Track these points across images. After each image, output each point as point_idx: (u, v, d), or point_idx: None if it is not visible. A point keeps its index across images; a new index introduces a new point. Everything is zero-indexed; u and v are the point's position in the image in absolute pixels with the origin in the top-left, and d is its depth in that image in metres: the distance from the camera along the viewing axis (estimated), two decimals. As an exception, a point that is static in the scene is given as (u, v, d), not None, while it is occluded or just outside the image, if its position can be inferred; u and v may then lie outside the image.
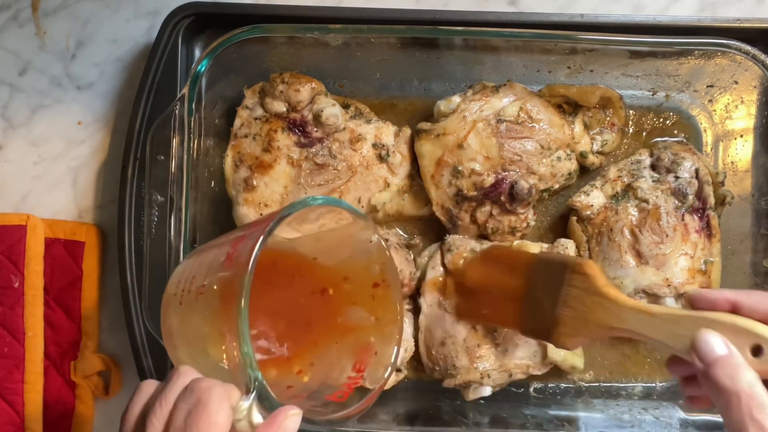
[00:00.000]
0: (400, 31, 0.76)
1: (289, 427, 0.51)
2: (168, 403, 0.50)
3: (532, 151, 0.76)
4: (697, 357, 0.52)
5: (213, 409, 0.48)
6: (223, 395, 0.49)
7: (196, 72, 0.73)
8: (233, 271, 0.55)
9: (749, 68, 0.75)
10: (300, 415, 0.52)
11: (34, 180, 0.84)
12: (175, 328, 0.61)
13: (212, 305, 0.56)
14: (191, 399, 0.49)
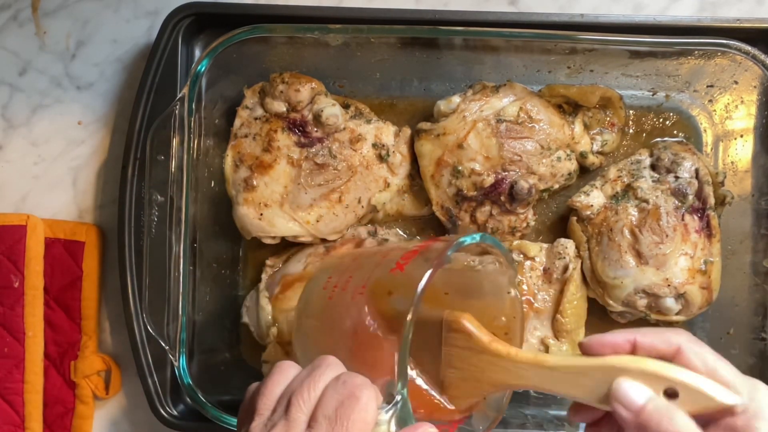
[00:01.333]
0: (400, 31, 0.76)
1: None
2: (317, 388, 0.49)
3: (532, 151, 0.76)
4: (621, 406, 0.50)
5: (364, 405, 0.48)
6: (374, 395, 0.49)
7: (196, 72, 0.73)
8: (402, 285, 0.54)
9: (749, 68, 0.75)
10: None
11: (34, 180, 0.84)
12: (318, 320, 0.60)
13: (371, 311, 0.55)
14: (344, 390, 0.49)
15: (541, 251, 0.77)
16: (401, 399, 0.51)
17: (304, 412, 0.48)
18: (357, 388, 0.49)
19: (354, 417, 0.47)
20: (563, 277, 0.76)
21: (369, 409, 0.48)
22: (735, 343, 0.79)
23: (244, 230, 0.78)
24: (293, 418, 0.48)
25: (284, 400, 0.50)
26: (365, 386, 0.49)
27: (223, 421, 0.73)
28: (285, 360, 0.54)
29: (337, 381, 0.50)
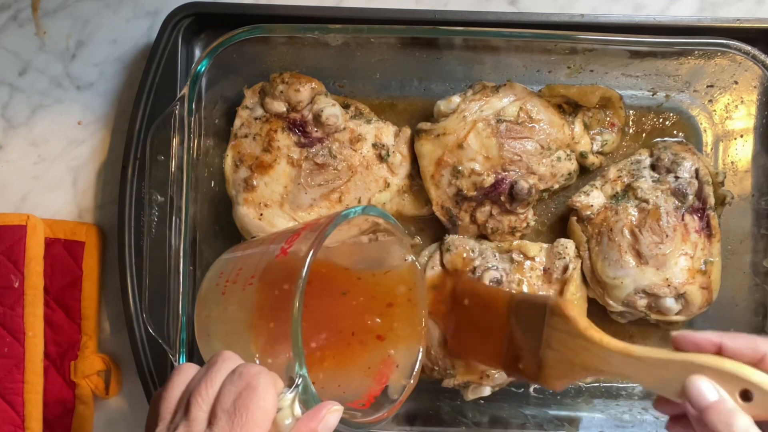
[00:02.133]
0: (400, 31, 0.76)
1: (331, 421, 0.52)
2: (214, 384, 0.50)
3: (532, 151, 0.76)
4: (690, 403, 0.51)
5: (262, 393, 0.49)
6: (270, 382, 0.50)
7: (196, 72, 0.73)
8: (287, 268, 0.55)
9: (749, 68, 0.75)
10: (341, 412, 0.52)
11: (34, 180, 0.84)
12: (215, 318, 0.61)
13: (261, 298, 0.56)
14: (240, 382, 0.49)
15: (541, 251, 0.77)
16: (301, 380, 0.52)
17: (203, 410, 0.49)
18: (253, 378, 0.49)
19: (252, 406, 0.48)
20: (563, 277, 0.76)
21: (267, 396, 0.49)
22: (735, 343, 0.79)
23: (244, 230, 0.78)
24: (193, 417, 0.49)
25: (184, 401, 0.50)
26: (261, 374, 0.50)
27: (223, 421, 0.73)
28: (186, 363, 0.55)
29: (233, 374, 0.50)
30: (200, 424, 0.49)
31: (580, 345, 0.60)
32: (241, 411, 0.48)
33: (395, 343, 0.68)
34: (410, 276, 0.68)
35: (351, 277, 0.69)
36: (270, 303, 0.56)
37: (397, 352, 0.68)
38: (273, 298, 0.56)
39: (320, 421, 0.51)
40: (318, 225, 0.59)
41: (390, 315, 0.69)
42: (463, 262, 0.76)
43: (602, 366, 0.59)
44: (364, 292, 0.69)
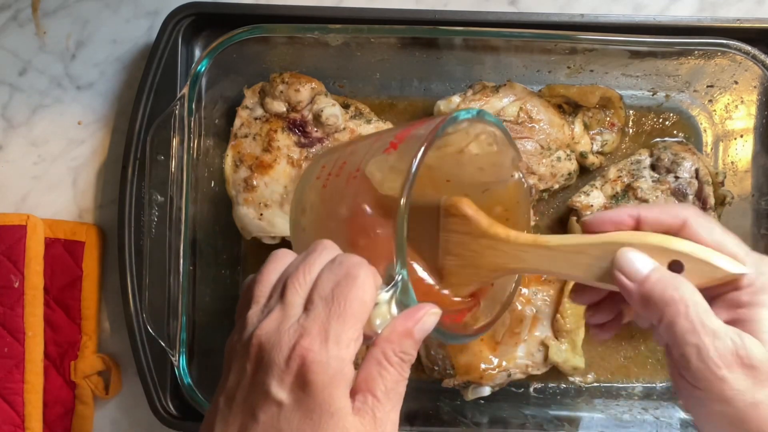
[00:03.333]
0: (400, 31, 0.76)
1: (428, 323, 0.49)
2: (312, 271, 0.48)
3: (531, 151, 0.76)
4: (625, 276, 0.49)
5: (361, 284, 0.46)
6: (371, 274, 0.47)
7: (196, 72, 0.73)
8: (397, 160, 0.50)
9: (749, 68, 0.75)
10: (438, 315, 0.49)
11: (34, 180, 0.84)
12: (313, 212, 0.57)
13: (366, 191, 0.52)
14: (339, 270, 0.47)
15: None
16: (401, 280, 0.49)
17: (300, 295, 0.47)
18: (353, 267, 0.47)
19: (351, 296, 0.46)
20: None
21: (366, 287, 0.46)
22: (735, 343, 0.79)
23: (244, 230, 0.78)
24: (289, 301, 0.47)
25: (280, 285, 0.48)
26: (362, 265, 0.47)
27: (223, 421, 0.73)
28: (283, 249, 0.52)
29: (333, 262, 0.48)
30: (296, 308, 0.46)
31: (485, 245, 0.55)
32: (339, 299, 0.45)
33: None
34: (515, 194, 0.61)
35: (452, 191, 0.61)
36: (376, 201, 0.52)
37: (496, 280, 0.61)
38: (379, 196, 0.51)
39: (417, 322, 0.48)
40: (429, 124, 0.53)
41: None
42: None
43: (513, 263, 0.54)
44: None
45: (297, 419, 0.44)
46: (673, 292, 0.47)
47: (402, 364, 0.47)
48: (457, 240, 0.56)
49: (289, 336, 0.45)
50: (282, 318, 0.46)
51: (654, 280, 0.48)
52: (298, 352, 0.44)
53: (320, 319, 0.45)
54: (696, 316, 0.47)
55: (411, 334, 0.48)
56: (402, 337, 0.47)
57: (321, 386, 0.44)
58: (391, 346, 0.47)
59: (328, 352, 0.44)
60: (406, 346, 0.47)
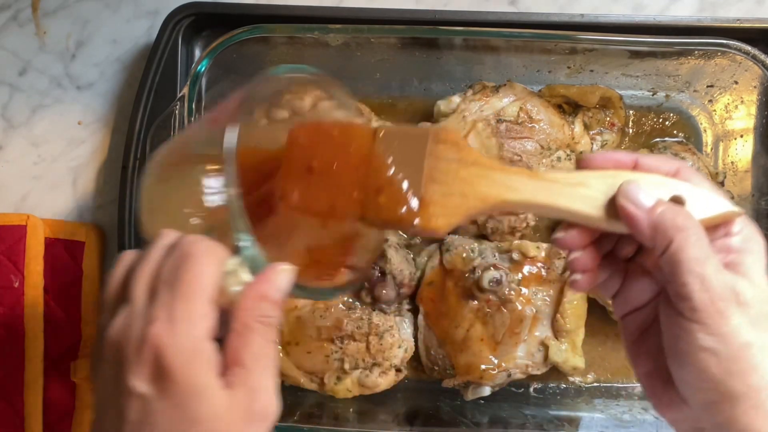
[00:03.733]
0: (400, 31, 0.76)
1: (281, 282, 0.48)
2: (152, 261, 0.47)
3: (532, 151, 0.76)
4: (632, 204, 0.48)
5: (201, 260, 0.46)
6: (210, 249, 0.47)
7: (196, 72, 0.73)
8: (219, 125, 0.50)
9: (749, 68, 0.75)
10: (292, 272, 0.49)
11: (34, 180, 0.84)
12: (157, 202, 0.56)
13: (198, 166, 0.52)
14: (178, 253, 0.47)
15: (541, 251, 0.77)
16: (246, 243, 0.48)
17: (141, 288, 0.46)
18: (190, 246, 0.47)
19: (193, 273, 0.45)
20: (563, 277, 0.76)
21: (206, 260, 0.46)
22: (735, 343, 0.79)
23: (244, 230, 0.78)
24: (133, 296, 0.46)
25: (123, 284, 0.48)
26: (198, 241, 0.47)
27: (223, 421, 0.73)
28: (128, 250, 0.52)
29: (171, 247, 0.48)
30: (140, 301, 0.46)
31: (475, 173, 0.52)
32: (180, 279, 0.45)
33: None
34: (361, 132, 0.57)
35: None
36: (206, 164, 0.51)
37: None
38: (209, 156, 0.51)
39: (269, 283, 0.48)
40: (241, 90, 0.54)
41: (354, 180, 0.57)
42: (462, 261, 0.76)
43: (505, 194, 0.51)
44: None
45: (165, 408, 0.43)
46: (684, 221, 0.47)
47: (264, 327, 0.47)
48: (445, 167, 0.53)
49: (138, 327, 0.44)
50: (129, 313, 0.46)
51: (662, 209, 0.48)
52: (149, 341, 0.43)
53: (165, 304, 0.45)
54: (703, 246, 0.47)
55: (265, 296, 0.47)
56: (257, 301, 0.47)
57: (179, 368, 0.43)
58: (248, 313, 0.46)
59: (178, 333, 0.44)
60: (263, 309, 0.47)
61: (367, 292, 0.76)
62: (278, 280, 0.48)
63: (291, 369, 0.76)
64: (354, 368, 0.76)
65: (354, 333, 0.76)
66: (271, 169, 0.60)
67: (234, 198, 0.49)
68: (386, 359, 0.76)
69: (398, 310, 0.78)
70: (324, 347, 0.76)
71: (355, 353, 0.76)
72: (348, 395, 0.77)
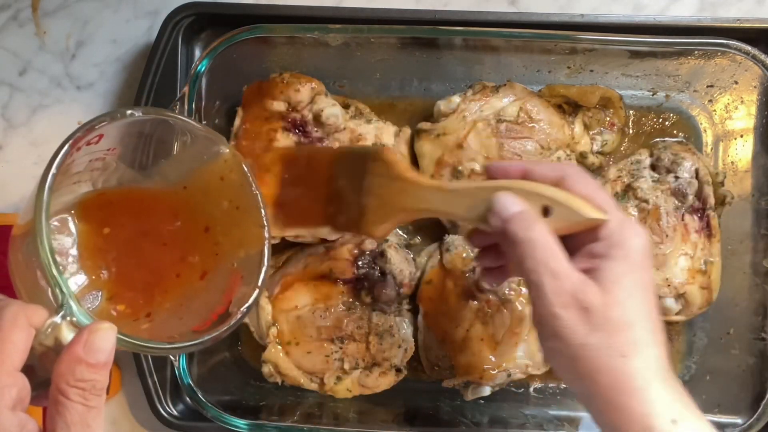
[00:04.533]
0: (400, 31, 0.76)
1: (97, 343, 0.44)
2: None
3: (532, 151, 0.76)
4: (495, 216, 0.54)
5: (3, 326, 0.43)
6: (18, 312, 0.44)
7: (196, 72, 0.73)
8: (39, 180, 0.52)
9: (749, 68, 0.75)
10: (112, 330, 0.46)
11: (34, 180, 0.84)
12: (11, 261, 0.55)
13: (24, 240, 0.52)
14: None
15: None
16: (64, 300, 0.46)
17: None
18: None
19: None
20: (563, 277, 0.76)
21: (12, 327, 0.43)
22: (735, 343, 0.79)
23: (244, 230, 0.78)
24: None
25: None
26: (5, 307, 0.44)
27: (223, 421, 0.73)
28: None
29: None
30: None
31: (399, 187, 0.62)
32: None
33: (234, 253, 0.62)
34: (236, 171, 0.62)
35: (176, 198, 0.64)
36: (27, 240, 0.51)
37: (239, 262, 0.62)
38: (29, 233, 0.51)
39: (84, 345, 0.44)
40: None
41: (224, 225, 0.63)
42: (462, 261, 0.76)
43: (419, 204, 0.61)
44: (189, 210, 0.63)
45: None
46: (527, 232, 0.52)
47: (84, 393, 0.43)
48: (378, 182, 0.63)
49: None
50: None
51: (516, 220, 0.53)
52: None
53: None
54: (542, 256, 0.51)
55: (79, 359, 0.44)
56: (72, 365, 0.43)
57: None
58: (64, 378, 0.43)
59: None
60: (80, 373, 0.43)
61: (367, 292, 0.76)
62: (96, 340, 0.45)
63: (291, 369, 0.76)
64: (354, 368, 0.76)
65: (354, 333, 0.76)
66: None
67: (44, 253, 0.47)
68: (386, 359, 0.76)
69: (398, 310, 0.78)
70: (324, 347, 0.76)
71: (355, 353, 0.76)
72: (348, 395, 0.77)
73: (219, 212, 0.63)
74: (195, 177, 0.64)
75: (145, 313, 0.60)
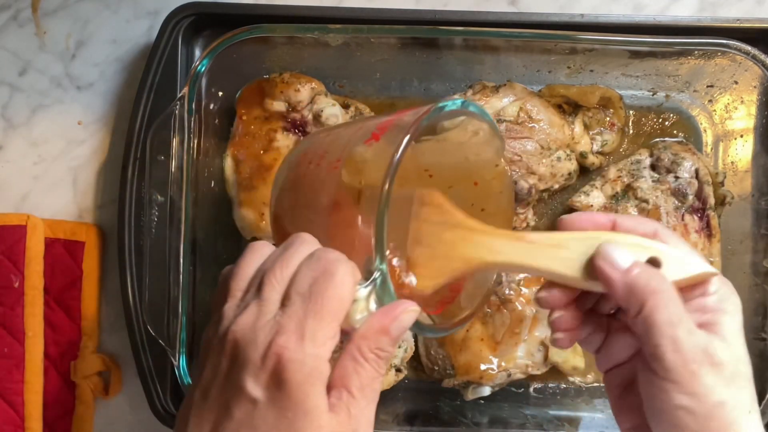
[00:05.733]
0: (400, 31, 0.76)
1: (406, 320, 0.48)
2: (290, 266, 0.47)
3: (532, 151, 0.76)
4: (609, 265, 0.49)
5: (339, 281, 0.46)
6: (349, 271, 0.47)
7: (196, 72, 0.73)
8: (380, 150, 0.50)
9: (749, 68, 0.75)
10: (417, 312, 0.49)
11: (34, 180, 0.84)
12: (293, 200, 0.55)
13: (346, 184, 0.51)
14: (317, 266, 0.46)
15: (541, 251, 0.77)
16: (380, 275, 0.48)
17: (276, 291, 0.46)
18: (331, 264, 0.46)
19: (329, 293, 0.45)
20: (563, 277, 0.76)
21: (344, 284, 0.46)
22: (735, 343, 0.79)
23: (244, 230, 0.78)
24: (265, 297, 0.46)
25: (257, 280, 0.48)
26: (340, 261, 0.47)
27: (223, 421, 0.73)
28: (261, 241, 0.51)
29: (311, 257, 0.47)
30: (273, 305, 0.46)
31: (459, 236, 0.54)
32: (317, 296, 0.45)
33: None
34: (499, 184, 0.60)
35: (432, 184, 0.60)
36: (357, 193, 0.50)
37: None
38: (360, 188, 0.50)
39: (394, 319, 0.47)
40: (414, 112, 0.52)
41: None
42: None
43: (488, 256, 0.53)
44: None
45: (272, 417, 0.44)
46: (657, 284, 0.48)
47: (378, 360, 0.47)
48: (430, 230, 0.55)
49: (265, 333, 0.45)
50: (258, 314, 0.46)
51: (638, 271, 0.49)
52: (274, 350, 0.44)
53: (297, 316, 0.45)
54: (676, 309, 0.48)
55: (387, 331, 0.47)
56: (378, 334, 0.47)
57: (296, 384, 0.43)
58: (367, 343, 0.47)
59: (304, 350, 0.44)
60: (382, 342, 0.47)
61: (367, 292, 0.76)
62: (403, 318, 0.48)
63: (291, 369, 0.76)
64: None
65: (354, 333, 0.76)
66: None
67: (381, 226, 0.48)
68: (386, 359, 0.76)
69: (398, 310, 0.78)
70: (324, 347, 0.76)
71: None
72: (348, 395, 0.77)
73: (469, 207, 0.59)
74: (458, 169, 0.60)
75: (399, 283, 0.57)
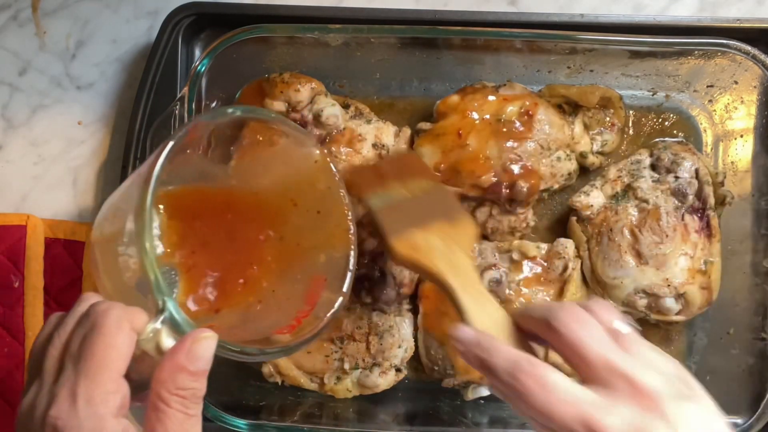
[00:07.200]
0: (400, 31, 0.76)
1: (200, 350, 0.44)
2: (66, 331, 0.46)
3: (531, 151, 0.76)
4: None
5: (109, 331, 0.43)
6: (122, 317, 0.44)
7: (196, 72, 0.73)
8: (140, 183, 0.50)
9: (749, 68, 0.75)
10: (214, 339, 0.46)
11: (34, 180, 0.84)
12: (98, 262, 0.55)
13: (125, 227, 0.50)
14: (87, 323, 0.45)
15: (541, 251, 0.77)
16: (165, 305, 0.46)
17: (51, 363, 0.45)
18: (100, 316, 0.44)
19: (97, 347, 0.43)
20: (563, 277, 0.76)
21: (115, 332, 0.43)
22: (735, 343, 0.79)
23: (244, 230, 0.78)
24: (45, 370, 0.45)
25: (41, 354, 0.46)
26: (109, 310, 0.44)
27: (223, 420, 0.73)
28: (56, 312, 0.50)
29: (84, 316, 0.46)
30: (50, 376, 0.44)
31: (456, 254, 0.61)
32: (86, 354, 0.43)
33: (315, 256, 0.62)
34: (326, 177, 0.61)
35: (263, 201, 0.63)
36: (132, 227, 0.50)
37: (321, 266, 0.61)
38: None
39: (186, 352, 0.44)
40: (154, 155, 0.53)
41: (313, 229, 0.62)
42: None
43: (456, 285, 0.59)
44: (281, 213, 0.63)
45: None
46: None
47: (183, 401, 0.44)
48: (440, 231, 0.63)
49: (41, 408, 0.43)
50: (38, 389, 0.44)
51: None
52: (48, 423, 0.42)
53: (69, 382, 0.43)
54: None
55: (182, 367, 0.44)
56: (174, 373, 0.44)
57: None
58: (165, 386, 0.44)
59: (78, 414, 0.42)
60: (181, 381, 0.44)
61: (367, 292, 0.76)
62: (197, 348, 0.45)
63: (291, 369, 0.76)
64: (354, 368, 0.76)
65: (354, 333, 0.76)
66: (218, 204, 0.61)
67: (148, 258, 0.47)
68: (386, 359, 0.76)
69: (398, 310, 0.78)
70: (324, 347, 0.76)
71: (355, 353, 0.76)
72: (348, 395, 0.77)
73: (301, 214, 0.62)
74: (279, 177, 0.62)
75: (214, 309, 0.58)
